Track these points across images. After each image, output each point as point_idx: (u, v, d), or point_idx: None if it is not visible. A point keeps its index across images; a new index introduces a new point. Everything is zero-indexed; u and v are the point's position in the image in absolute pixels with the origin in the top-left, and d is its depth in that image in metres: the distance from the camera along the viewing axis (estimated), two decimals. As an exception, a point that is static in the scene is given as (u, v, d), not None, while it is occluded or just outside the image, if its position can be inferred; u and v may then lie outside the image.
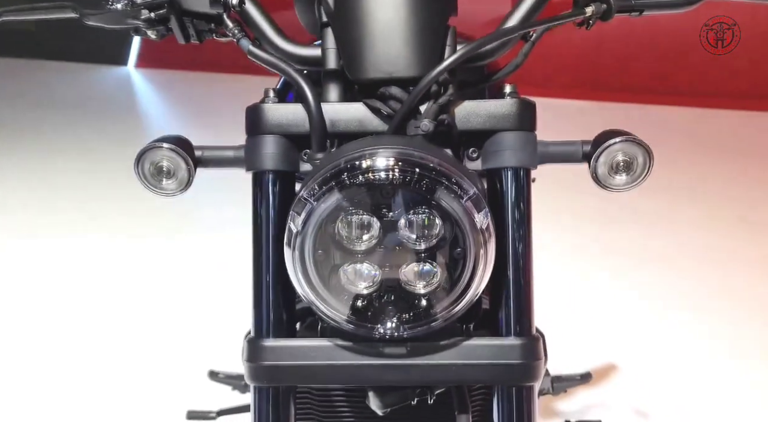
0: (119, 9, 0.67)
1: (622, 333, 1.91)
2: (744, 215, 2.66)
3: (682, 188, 2.86)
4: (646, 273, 2.21)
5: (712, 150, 3.44)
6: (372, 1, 0.62)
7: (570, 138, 0.67)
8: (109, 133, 3.70)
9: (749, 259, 2.32)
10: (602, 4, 0.65)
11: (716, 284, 2.16)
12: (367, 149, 0.55)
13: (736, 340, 1.87)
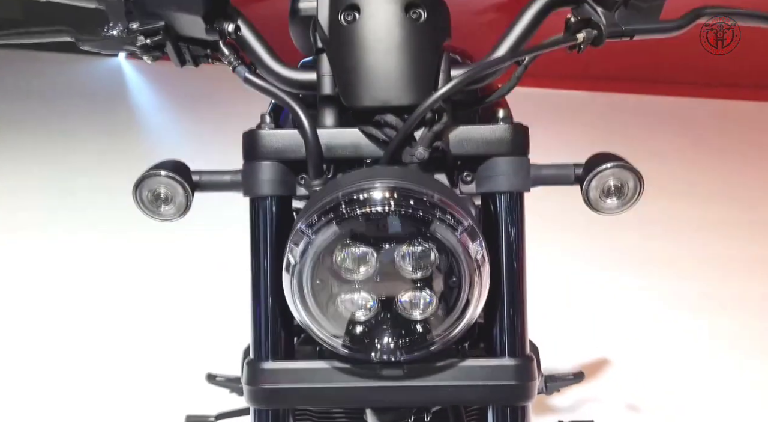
0: (115, 35, 0.67)
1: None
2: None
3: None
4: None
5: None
6: (366, 30, 0.62)
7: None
8: (100, 124, 3.69)
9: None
10: (593, 30, 0.66)
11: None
12: (364, 182, 0.56)
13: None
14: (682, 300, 2.09)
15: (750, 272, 2.26)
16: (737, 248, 2.40)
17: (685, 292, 2.12)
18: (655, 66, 3.83)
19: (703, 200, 2.77)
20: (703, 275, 2.22)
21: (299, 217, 0.59)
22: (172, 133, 3.82)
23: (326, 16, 0.64)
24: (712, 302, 2.07)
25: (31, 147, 3.49)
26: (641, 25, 0.66)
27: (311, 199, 0.61)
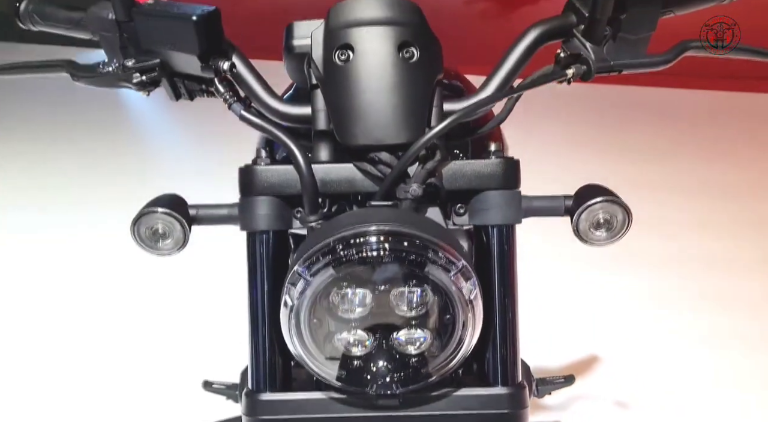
0: (111, 72, 0.68)
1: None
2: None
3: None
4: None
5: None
6: (360, 69, 0.63)
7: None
8: (88, 120, 3.66)
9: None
10: (582, 65, 0.67)
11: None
12: (360, 226, 0.57)
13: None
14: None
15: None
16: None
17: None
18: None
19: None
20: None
21: (296, 257, 0.60)
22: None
23: (320, 53, 0.65)
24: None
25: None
26: (629, 59, 0.68)
27: (308, 238, 0.63)
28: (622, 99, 3.64)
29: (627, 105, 3.69)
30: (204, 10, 0.64)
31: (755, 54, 0.69)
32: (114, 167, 3.12)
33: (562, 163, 2.85)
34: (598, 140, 3.36)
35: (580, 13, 0.67)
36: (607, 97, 3.50)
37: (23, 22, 0.76)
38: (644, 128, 3.48)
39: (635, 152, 3.19)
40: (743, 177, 2.96)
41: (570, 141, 3.30)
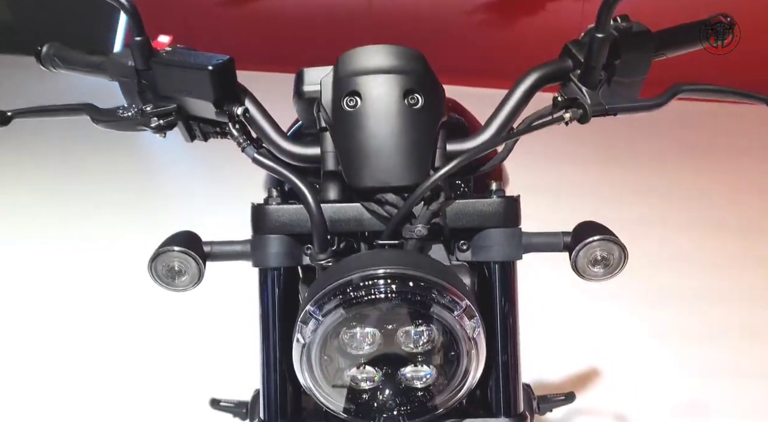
0: (130, 116, 0.71)
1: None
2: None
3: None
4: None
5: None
6: (367, 116, 0.66)
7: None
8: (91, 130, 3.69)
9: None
10: (579, 109, 0.70)
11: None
12: (369, 269, 0.60)
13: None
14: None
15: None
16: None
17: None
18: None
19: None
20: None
21: (308, 296, 0.63)
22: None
23: (329, 99, 0.68)
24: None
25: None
26: (624, 103, 0.71)
27: (318, 278, 0.66)
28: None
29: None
30: (219, 60, 0.68)
31: (744, 96, 0.72)
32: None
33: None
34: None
35: (576, 58, 0.71)
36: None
37: (44, 65, 0.79)
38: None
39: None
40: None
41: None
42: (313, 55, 5.35)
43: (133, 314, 2.15)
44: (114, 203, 2.94)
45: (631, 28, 0.70)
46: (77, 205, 2.98)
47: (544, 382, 1.80)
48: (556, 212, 1.77)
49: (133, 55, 0.69)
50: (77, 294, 2.28)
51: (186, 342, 2.01)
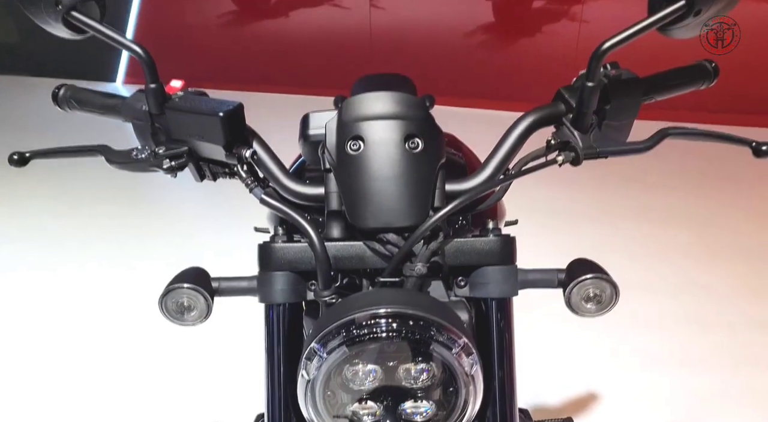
0: (143, 158, 0.74)
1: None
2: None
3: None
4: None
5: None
6: (370, 159, 0.69)
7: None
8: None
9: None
10: (571, 152, 0.73)
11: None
12: (371, 309, 0.63)
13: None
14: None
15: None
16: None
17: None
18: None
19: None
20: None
21: (312, 334, 0.65)
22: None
23: (334, 142, 0.71)
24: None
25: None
26: (614, 146, 0.74)
27: (323, 316, 0.68)
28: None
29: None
30: (229, 106, 0.71)
31: (729, 140, 0.75)
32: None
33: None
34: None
35: (569, 103, 0.74)
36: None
37: (60, 106, 0.83)
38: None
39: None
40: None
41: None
42: (314, 77, 5.44)
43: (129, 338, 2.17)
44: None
45: (620, 75, 0.74)
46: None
47: (541, 407, 1.81)
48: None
49: (148, 101, 0.73)
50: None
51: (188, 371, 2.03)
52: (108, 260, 2.67)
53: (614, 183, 3.22)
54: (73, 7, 0.70)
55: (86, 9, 0.71)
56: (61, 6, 0.70)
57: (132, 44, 0.70)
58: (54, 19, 0.71)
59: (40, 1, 0.70)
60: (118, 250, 2.75)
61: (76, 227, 2.99)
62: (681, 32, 0.69)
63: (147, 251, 2.73)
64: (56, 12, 0.70)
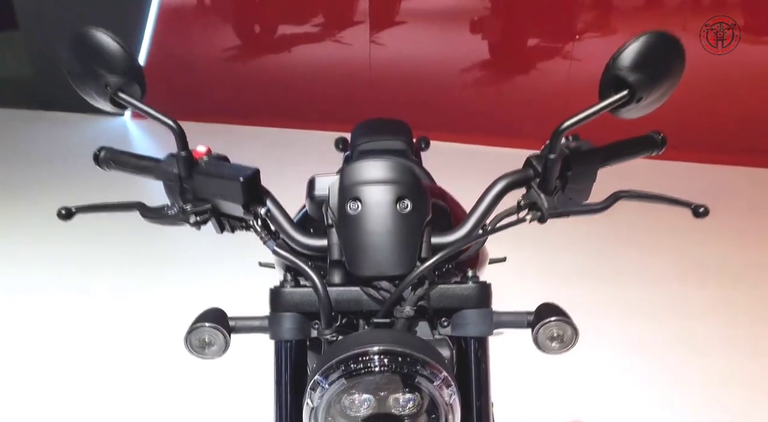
0: (173, 214, 0.87)
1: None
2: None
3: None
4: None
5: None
6: (366, 218, 0.81)
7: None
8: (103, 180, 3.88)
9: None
10: (537, 212, 0.86)
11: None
12: (365, 347, 0.75)
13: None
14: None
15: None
16: None
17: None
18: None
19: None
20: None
21: (316, 367, 0.77)
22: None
23: (336, 202, 0.84)
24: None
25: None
26: (575, 207, 0.87)
27: (325, 353, 0.80)
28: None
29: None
30: (248, 172, 0.84)
31: (674, 202, 0.87)
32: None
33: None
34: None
35: (536, 169, 0.87)
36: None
37: (100, 166, 0.96)
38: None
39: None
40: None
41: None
42: (317, 111, 5.63)
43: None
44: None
45: (580, 146, 0.87)
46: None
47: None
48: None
49: (178, 166, 0.86)
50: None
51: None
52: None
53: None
54: (119, 88, 0.83)
55: (130, 90, 0.84)
56: (109, 88, 0.83)
57: (167, 119, 0.84)
58: (102, 98, 0.84)
59: (91, 83, 0.83)
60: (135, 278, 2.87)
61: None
62: (627, 114, 0.83)
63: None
64: (105, 93, 0.83)
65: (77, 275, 2.94)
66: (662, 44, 0.78)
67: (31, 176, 4.17)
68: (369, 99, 5.05)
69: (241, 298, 1.61)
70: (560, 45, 4.54)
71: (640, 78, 0.77)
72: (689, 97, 4.04)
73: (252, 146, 4.76)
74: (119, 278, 2.90)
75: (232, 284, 2.75)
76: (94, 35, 0.81)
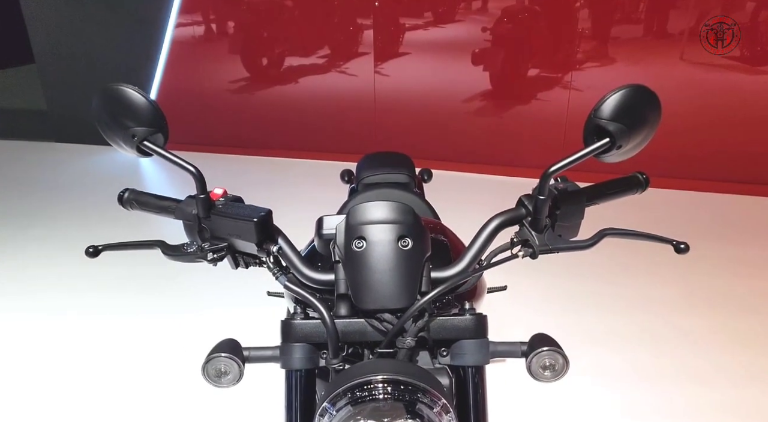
0: (192, 252, 0.94)
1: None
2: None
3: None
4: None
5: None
6: (370, 256, 0.88)
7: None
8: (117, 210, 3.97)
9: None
10: (529, 249, 0.93)
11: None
12: (370, 376, 0.81)
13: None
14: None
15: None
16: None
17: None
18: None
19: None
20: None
21: (324, 395, 0.83)
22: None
23: (342, 241, 0.91)
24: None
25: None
26: (563, 244, 0.94)
27: (333, 382, 0.86)
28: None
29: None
30: (261, 213, 0.92)
31: (657, 239, 0.94)
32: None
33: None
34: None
35: (528, 208, 0.94)
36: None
37: (124, 206, 1.04)
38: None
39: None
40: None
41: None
42: (323, 141, 5.72)
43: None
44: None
45: (567, 188, 0.94)
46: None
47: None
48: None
49: (198, 207, 0.93)
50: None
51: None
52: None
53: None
54: (144, 138, 0.91)
55: (154, 138, 0.93)
56: (136, 138, 0.91)
57: (187, 164, 0.91)
58: (129, 146, 0.92)
59: (119, 133, 0.92)
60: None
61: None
62: (609, 159, 0.90)
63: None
64: (132, 142, 0.92)
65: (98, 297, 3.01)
66: (640, 97, 0.85)
67: (46, 205, 4.28)
68: (374, 127, 5.17)
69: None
70: (561, 75, 4.64)
71: (620, 128, 0.84)
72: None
73: (260, 175, 4.87)
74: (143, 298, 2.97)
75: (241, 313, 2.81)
76: (123, 91, 0.90)
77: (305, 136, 5.36)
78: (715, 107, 4.12)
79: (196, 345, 2.57)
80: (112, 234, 3.58)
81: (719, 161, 4.27)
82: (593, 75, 4.47)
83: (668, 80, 4.14)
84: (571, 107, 4.60)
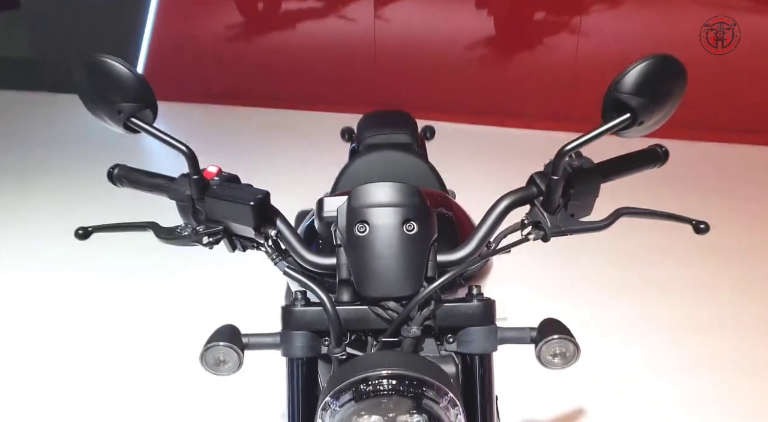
0: (186, 234, 0.89)
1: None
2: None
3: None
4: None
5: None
6: (373, 240, 0.83)
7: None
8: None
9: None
10: (541, 231, 0.88)
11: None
12: (375, 370, 0.77)
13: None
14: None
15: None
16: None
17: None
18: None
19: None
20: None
21: (327, 388, 0.80)
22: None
23: (344, 224, 0.85)
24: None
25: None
26: (577, 225, 0.88)
27: (335, 374, 0.82)
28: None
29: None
30: (259, 195, 0.86)
31: (675, 218, 0.89)
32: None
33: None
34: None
35: (539, 187, 0.88)
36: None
37: (114, 182, 0.98)
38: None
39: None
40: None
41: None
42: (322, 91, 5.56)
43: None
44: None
45: (582, 164, 0.88)
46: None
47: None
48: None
49: (191, 189, 0.88)
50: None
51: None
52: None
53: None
54: (132, 114, 0.85)
55: (142, 115, 0.86)
56: (122, 114, 0.84)
57: (178, 143, 0.85)
58: (116, 123, 0.86)
59: (105, 108, 0.85)
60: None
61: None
62: (629, 135, 0.83)
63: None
64: (118, 119, 0.85)
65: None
66: (665, 68, 0.78)
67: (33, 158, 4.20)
68: (374, 77, 5.01)
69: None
70: (568, 18, 4.45)
71: (642, 102, 0.78)
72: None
73: (255, 128, 4.76)
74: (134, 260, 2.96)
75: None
76: (107, 63, 0.82)
77: (302, 86, 5.20)
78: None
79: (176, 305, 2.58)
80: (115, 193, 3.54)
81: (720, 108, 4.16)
82: (602, 19, 4.29)
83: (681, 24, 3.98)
84: (579, 53, 4.43)
